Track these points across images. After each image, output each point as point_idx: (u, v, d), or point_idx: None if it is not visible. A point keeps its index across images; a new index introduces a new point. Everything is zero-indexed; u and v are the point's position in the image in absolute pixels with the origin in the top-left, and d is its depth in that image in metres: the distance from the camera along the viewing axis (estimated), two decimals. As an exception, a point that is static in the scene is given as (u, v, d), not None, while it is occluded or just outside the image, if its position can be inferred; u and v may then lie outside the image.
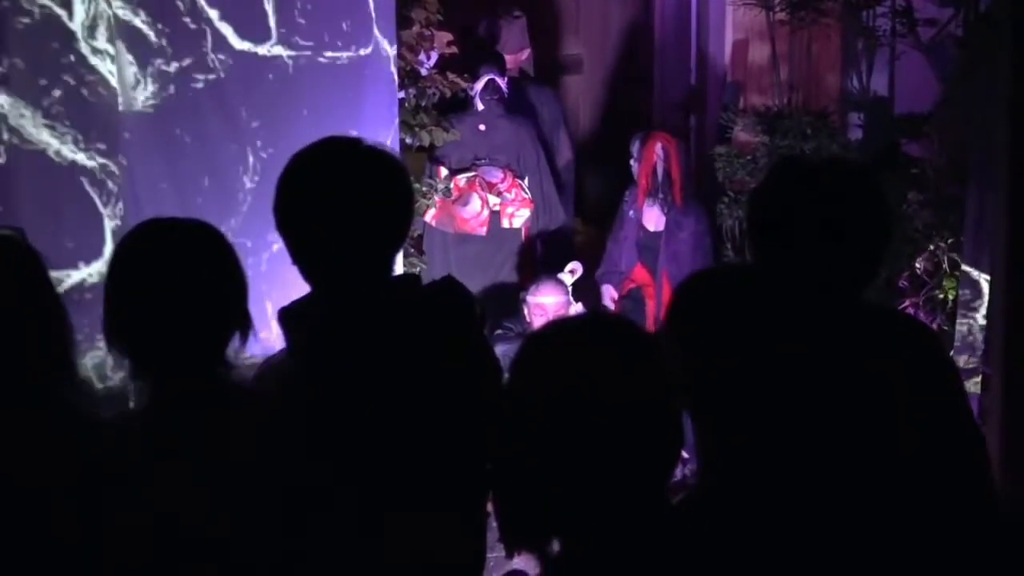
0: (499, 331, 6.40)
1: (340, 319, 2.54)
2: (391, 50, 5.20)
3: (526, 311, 6.43)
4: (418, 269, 6.16)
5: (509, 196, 7.04)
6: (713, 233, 6.91)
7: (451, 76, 6.51)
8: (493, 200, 7.00)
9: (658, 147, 6.71)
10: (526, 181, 7.11)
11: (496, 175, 7.03)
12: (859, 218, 2.64)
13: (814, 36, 6.75)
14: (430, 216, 6.89)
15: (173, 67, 4.40)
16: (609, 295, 6.98)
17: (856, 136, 6.57)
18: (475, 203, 6.96)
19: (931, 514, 2.57)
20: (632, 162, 6.86)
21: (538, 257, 7.26)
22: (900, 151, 6.16)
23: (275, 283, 3.51)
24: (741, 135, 6.89)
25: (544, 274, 6.56)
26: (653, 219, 6.81)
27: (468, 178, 6.97)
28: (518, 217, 7.09)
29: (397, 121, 5.39)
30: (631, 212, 6.90)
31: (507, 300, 6.71)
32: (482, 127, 7.06)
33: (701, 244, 6.77)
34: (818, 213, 2.62)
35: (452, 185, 6.93)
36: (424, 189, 6.61)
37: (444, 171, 6.98)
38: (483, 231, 7.02)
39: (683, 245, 6.74)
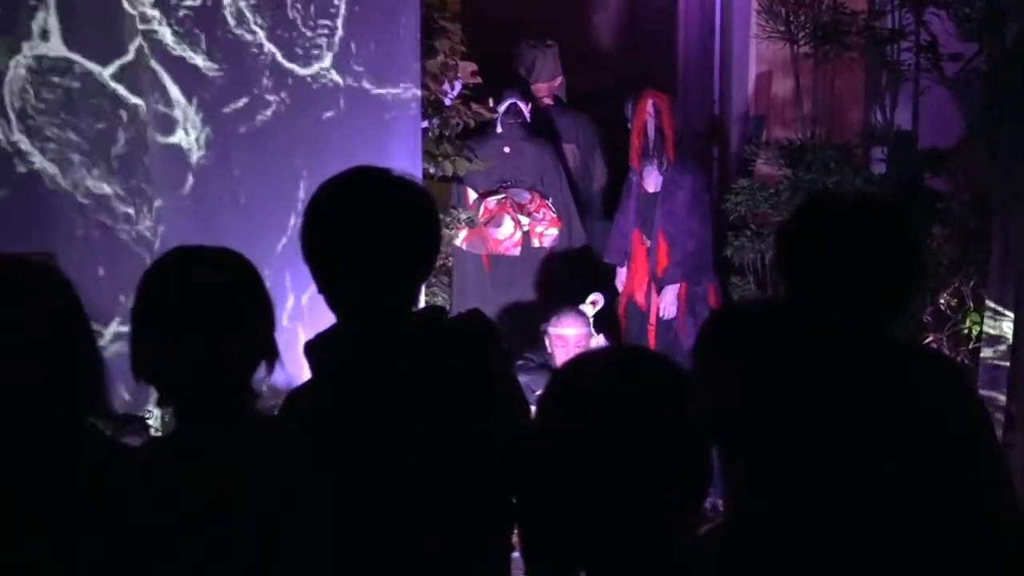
0: (520, 361, 6.40)
1: (364, 351, 2.53)
2: (417, 91, 5.26)
3: (547, 343, 6.43)
4: (439, 300, 6.17)
5: (538, 216, 7.16)
6: (710, 192, 7.01)
7: (475, 106, 6.53)
8: (524, 220, 7.11)
9: (649, 104, 6.82)
10: (550, 201, 7.21)
11: (524, 196, 7.15)
12: (888, 255, 2.63)
13: (838, 70, 6.74)
14: (460, 240, 6.99)
15: (229, 107, 4.45)
16: (619, 279, 7.15)
17: (880, 170, 6.55)
18: (508, 225, 7.08)
19: (959, 546, 2.55)
20: (628, 125, 6.97)
21: (561, 276, 7.39)
22: (924, 186, 6.14)
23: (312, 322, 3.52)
24: (764, 168, 6.88)
25: (566, 306, 6.56)
26: (652, 181, 6.93)
27: (498, 200, 7.10)
28: (547, 236, 7.20)
29: (420, 156, 5.44)
30: (634, 178, 7.02)
31: (540, 317, 6.79)
32: (507, 150, 7.19)
33: (698, 203, 6.87)
34: (846, 249, 2.61)
35: (482, 209, 7.05)
36: (447, 220, 6.62)
37: (473, 194, 7.11)
38: (517, 251, 7.13)
39: (679, 205, 6.85)
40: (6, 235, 3.79)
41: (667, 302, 6.84)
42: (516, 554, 2.08)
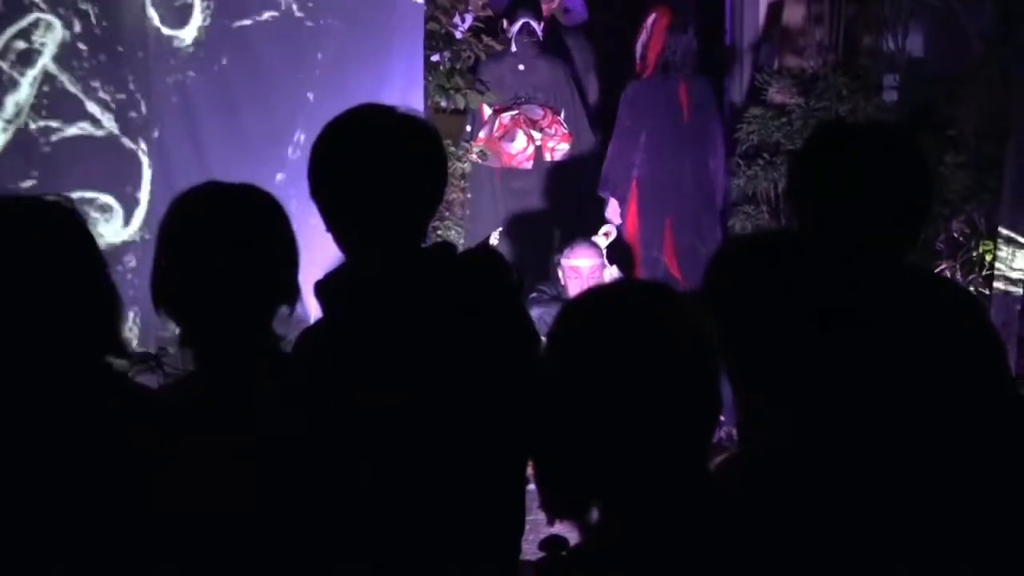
0: (533, 294, 6.41)
1: (375, 289, 2.54)
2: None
3: (560, 274, 6.44)
4: (452, 234, 6.18)
5: (550, 131, 7.40)
6: (630, 126, 7.08)
7: (486, 39, 6.52)
8: (536, 135, 7.34)
9: (650, 18, 6.98)
10: (562, 115, 7.45)
11: (537, 112, 7.40)
12: (900, 182, 2.62)
13: (850, -3, 6.70)
14: (475, 154, 7.14)
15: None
16: None
17: (892, 98, 6.52)
18: (520, 139, 7.32)
19: (974, 477, 2.55)
20: None
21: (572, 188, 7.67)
22: (937, 113, 6.11)
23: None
24: (776, 96, 6.85)
25: (579, 237, 6.57)
26: None
27: (512, 116, 7.33)
28: (558, 150, 7.46)
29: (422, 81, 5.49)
30: None
31: (551, 227, 7.21)
32: (521, 67, 7.47)
33: (619, 119, 7.11)
34: (859, 177, 2.60)
35: (496, 124, 7.28)
36: (459, 152, 6.63)
37: (487, 110, 7.28)
38: (529, 165, 7.40)
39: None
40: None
41: (607, 212, 7.10)
42: (531, 486, 2.09)
